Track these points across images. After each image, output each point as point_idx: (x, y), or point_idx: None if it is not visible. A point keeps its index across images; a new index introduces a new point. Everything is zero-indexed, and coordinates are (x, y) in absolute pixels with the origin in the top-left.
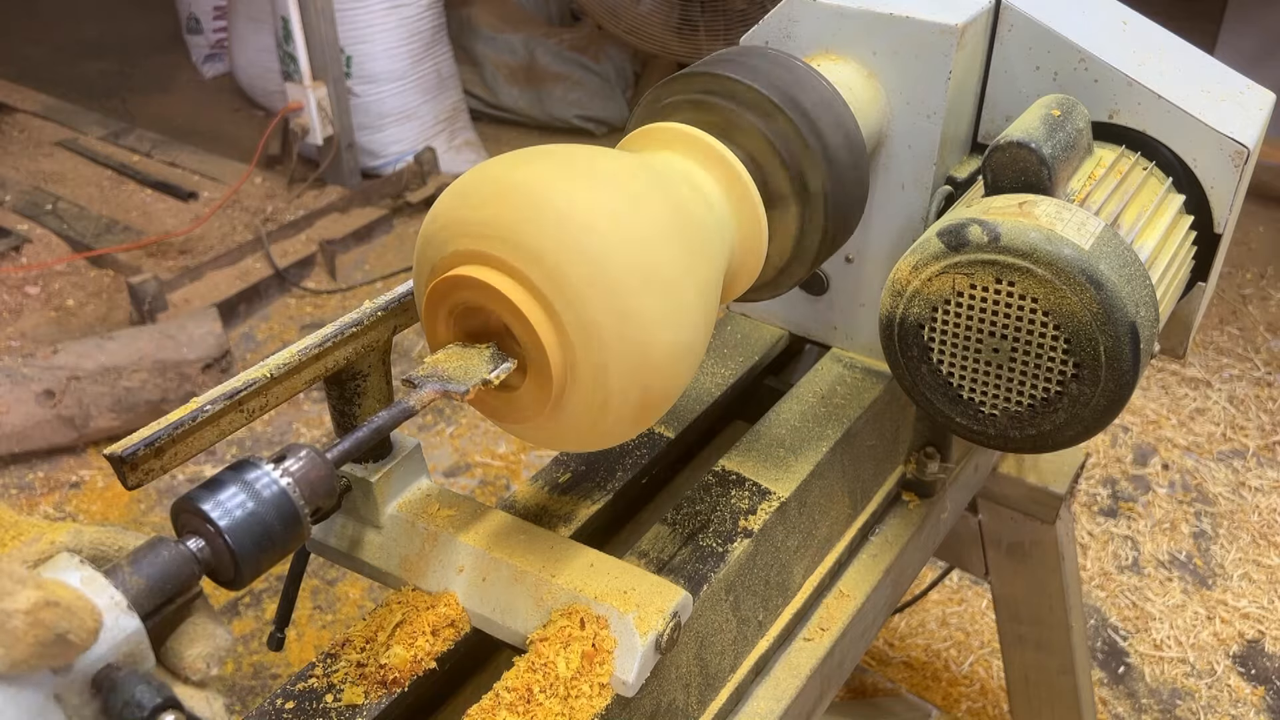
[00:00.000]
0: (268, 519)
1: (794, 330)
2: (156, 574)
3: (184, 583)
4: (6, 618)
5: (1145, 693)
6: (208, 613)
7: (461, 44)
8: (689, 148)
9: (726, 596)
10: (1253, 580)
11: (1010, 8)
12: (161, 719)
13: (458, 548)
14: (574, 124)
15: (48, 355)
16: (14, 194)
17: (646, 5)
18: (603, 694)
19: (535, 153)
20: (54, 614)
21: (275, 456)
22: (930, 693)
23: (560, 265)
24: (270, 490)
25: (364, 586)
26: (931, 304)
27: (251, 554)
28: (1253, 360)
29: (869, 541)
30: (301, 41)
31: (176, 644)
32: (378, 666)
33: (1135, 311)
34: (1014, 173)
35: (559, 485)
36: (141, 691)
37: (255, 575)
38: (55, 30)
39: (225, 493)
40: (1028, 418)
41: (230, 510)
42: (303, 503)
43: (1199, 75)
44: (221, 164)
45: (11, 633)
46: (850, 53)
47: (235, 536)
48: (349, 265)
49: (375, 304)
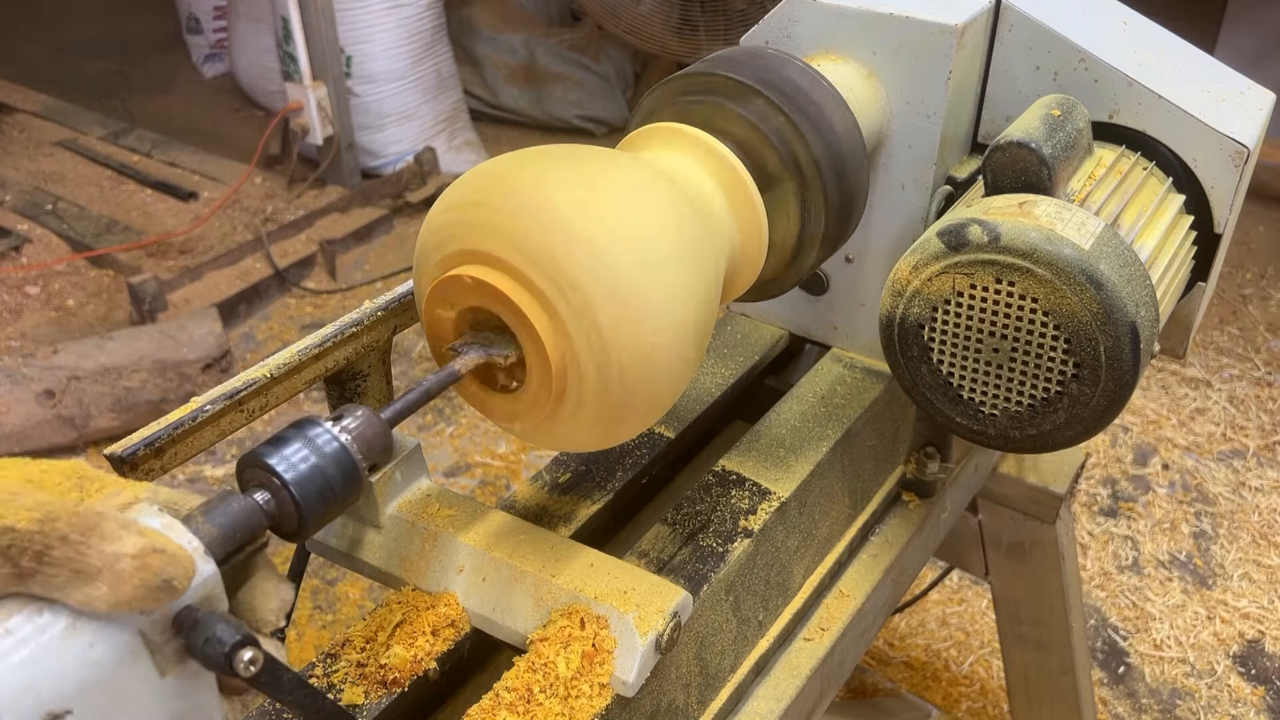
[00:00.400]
0: (329, 473)
1: (794, 330)
2: (227, 523)
3: (252, 532)
4: (115, 559)
5: (1145, 693)
6: (270, 569)
7: (461, 44)
8: (689, 147)
9: (726, 596)
10: (1253, 580)
11: (1010, 8)
12: (241, 653)
13: (458, 548)
14: (574, 124)
15: (48, 355)
16: (14, 194)
17: (646, 5)
18: (603, 694)
19: (535, 153)
20: (160, 560)
21: (334, 416)
22: (930, 693)
23: (560, 265)
24: (331, 446)
25: (364, 586)
26: (931, 304)
27: (315, 506)
28: (1253, 360)
29: (869, 541)
30: (301, 41)
31: (244, 597)
32: (378, 666)
33: (1135, 311)
34: (1014, 173)
35: (559, 485)
36: (222, 629)
37: (318, 528)
38: (55, 30)
39: (289, 448)
40: (1028, 418)
41: (295, 465)
42: (360, 458)
43: (1199, 75)
44: (221, 164)
45: (119, 574)
46: (850, 53)
47: (300, 489)
48: (349, 265)
49: (375, 304)
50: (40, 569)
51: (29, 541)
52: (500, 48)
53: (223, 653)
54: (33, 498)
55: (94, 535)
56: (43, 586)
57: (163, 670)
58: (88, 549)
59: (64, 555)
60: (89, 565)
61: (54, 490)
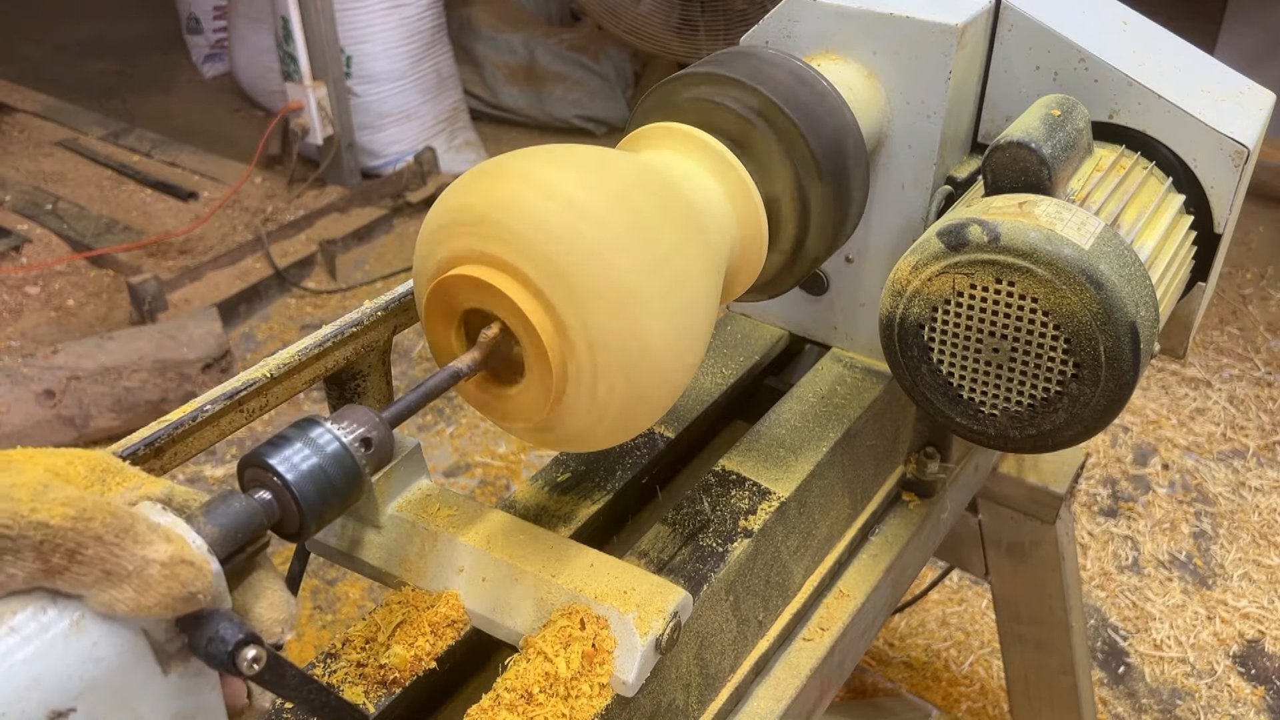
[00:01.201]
0: (330, 473)
1: (794, 330)
2: (229, 523)
3: (254, 532)
4: (145, 564)
5: (1145, 693)
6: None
7: (461, 44)
8: (688, 147)
9: (726, 596)
10: (1253, 580)
11: (1010, 8)
12: (244, 652)
13: (458, 548)
14: (574, 124)
15: (48, 355)
16: (14, 194)
17: (646, 5)
18: (603, 694)
19: (535, 152)
20: (189, 572)
21: (334, 416)
22: (930, 693)
23: (560, 265)
24: (333, 446)
25: (364, 586)
26: (931, 304)
27: (316, 505)
28: (1253, 360)
29: (869, 541)
30: (301, 41)
31: (242, 598)
32: (378, 666)
33: (1135, 311)
34: (1014, 173)
35: (559, 485)
36: (225, 628)
37: (319, 527)
38: (55, 30)
39: (291, 448)
40: (1028, 418)
41: (296, 465)
42: (362, 458)
43: (1199, 75)
44: (221, 164)
45: (146, 580)
46: (850, 53)
47: (301, 489)
48: (349, 265)
49: (375, 304)
50: (71, 567)
51: (62, 538)
52: (500, 47)
53: (226, 651)
54: (64, 492)
55: (128, 537)
56: (69, 584)
57: (166, 668)
58: (121, 550)
59: (97, 555)
60: (120, 567)
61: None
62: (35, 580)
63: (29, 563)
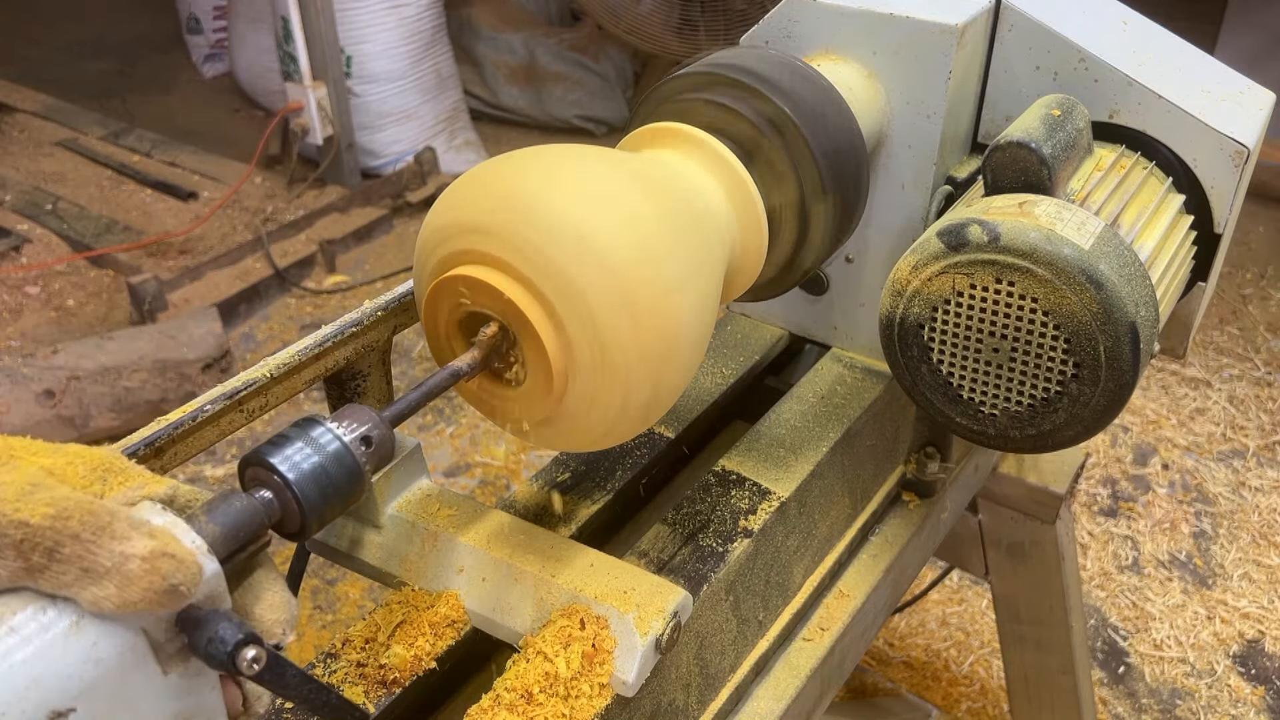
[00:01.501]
0: (332, 472)
1: (794, 330)
2: (230, 522)
3: (255, 531)
4: (124, 560)
5: (1145, 693)
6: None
7: (461, 44)
8: (688, 147)
9: (726, 596)
10: (1253, 580)
11: (1010, 8)
12: (244, 652)
13: (458, 548)
14: (574, 124)
15: (48, 355)
16: (14, 194)
17: (646, 5)
18: (603, 694)
19: (535, 152)
20: (170, 564)
21: (335, 416)
22: (930, 693)
23: (560, 265)
24: (333, 446)
25: (364, 586)
26: (931, 304)
27: (317, 505)
28: (1253, 360)
29: (869, 541)
30: (301, 41)
31: (243, 598)
32: (378, 666)
33: (1135, 311)
34: (1014, 173)
35: (559, 485)
36: (224, 628)
37: (320, 527)
38: (55, 30)
39: (292, 448)
40: (1028, 418)
41: (297, 464)
42: (362, 458)
43: (1199, 75)
44: (221, 164)
45: (127, 575)
46: (850, 53)
47: (302, 488)
48: (349, 265)
49: (375, 304)
50: (50, 565)
51: (41, 537)
52: (500, 47)
53: (226, 651)
54: (50, 492)
55: (105, 534)
56: (52, 583)
57: (166, 669)
58: (98, 548)
59: (74, 553)
60: (98, 564)
61: (76, 482)
62: (18, 579)
63: (10, 561)
